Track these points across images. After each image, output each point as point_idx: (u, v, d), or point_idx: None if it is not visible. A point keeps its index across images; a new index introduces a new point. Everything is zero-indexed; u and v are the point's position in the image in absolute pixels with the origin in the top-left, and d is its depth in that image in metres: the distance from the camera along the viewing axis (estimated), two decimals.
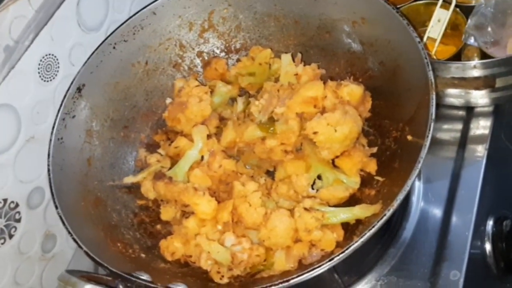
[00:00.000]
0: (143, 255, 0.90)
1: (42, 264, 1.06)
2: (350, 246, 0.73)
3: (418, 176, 1.00)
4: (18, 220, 0.98)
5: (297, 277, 0.74)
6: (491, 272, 0.99)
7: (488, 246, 0.98)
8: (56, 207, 0.84)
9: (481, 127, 1.03)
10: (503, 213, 1.02)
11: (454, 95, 1.00)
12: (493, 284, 1.01)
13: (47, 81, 0.99)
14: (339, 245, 0.83)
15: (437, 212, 0.97)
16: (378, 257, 0.94)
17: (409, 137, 0.85)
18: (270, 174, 0.96)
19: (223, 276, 0.84)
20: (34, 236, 1.03)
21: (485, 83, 0.95)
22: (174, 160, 0.98)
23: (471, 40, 1.01)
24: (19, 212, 0.98)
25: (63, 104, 0.95)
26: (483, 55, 1.02)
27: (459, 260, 0.90)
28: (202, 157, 0.95)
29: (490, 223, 0.99)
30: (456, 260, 0.90)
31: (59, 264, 1.10)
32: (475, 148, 1.01)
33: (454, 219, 0.94)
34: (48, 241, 1.07)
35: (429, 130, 0.77)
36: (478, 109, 1.04)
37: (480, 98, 0.99)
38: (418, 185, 1.00)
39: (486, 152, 0.99)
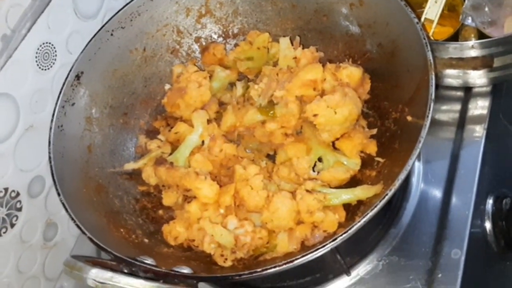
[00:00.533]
0: (146, 240, 0.91)
1: (44, 253, 1.07)
2: (352, 226, 0.73)
3: (418, 157, 1.00)
4: (19, 209, 0.99)
5: (300, 257, 0.74)
6: (492, 250, 1.00)
7: (488, 225, 0.98)
8: (59, 194, 0.85)
9: (480, 107, 1.03)
10: (503, 192, 1.02)
11: (452, 76, 1.00)
12: (494, 262, 1.02)
13: (45, 69, 0.99)
14: (341, 225, 0.83)
15: (437, 192, 0.97)
16: (379, 238, 0.94)
17: (409, 118, 0.85)
18: (271, 157, 0.96)
19: (226, 259, 0.84)
20: (35, 225, 1.04)
21: (483, 63, 0.96)
22: (174, 145, 0.99)
23: (469, 21, 1.01)
24: (20, 201, 0.98)
25: (62, 92, 0.94)
26: (481, 35, 1.02)
27: (460, 238, 0.91)
28: (203, 142, 0.96)
29: (490, 202, 0.99)
30: (457, 239, 0.91)
31: (61, 252, 1.10)
32: (474, 128, 1.01)
33: (454, 198, 0.95)
34: (50, 230, 1.07)
35: (429, 110, 0.78)
36: (476, 89, 1.04)
37: (478, 78, 1.00)
38: (418, 166, 1.01)
39: (485, 132, 1.00)
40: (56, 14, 0.98)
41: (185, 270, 0.76)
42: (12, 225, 0.97)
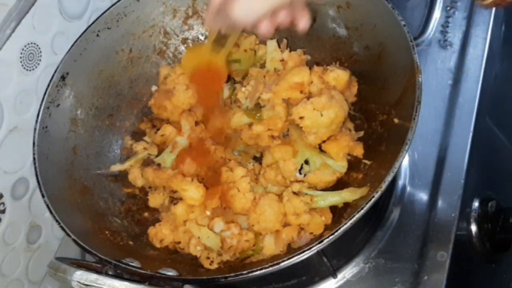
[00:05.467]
0: (131, 243, 0.90)
1: (27, 255, 1.05)
2: (339, 229, 0.73)
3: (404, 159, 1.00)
4: (3, 211, 0.97)
5: (287, 260, 0.74)
6: (477, 252, 1.00)
7: (473, 227, 0.99)
8: (43, 196, 0.84)
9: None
10: (488, 195, 1.03)
11: None
12: (479, 264, 1.03)
13: (30, 70, 0.98)
14: (327, 228, 0.84)
15: (423, 195, 0.98)
16: (366, 240, 0.95)
17: (396, 120, 0.85)
18: (258, 159, 0.96)
19: (212, 261, 0.84)
20: (19, 227, 1.02)
21: None
22: (161, 147, 0.98)
23: None
24: (3, 203, 0.97)
25: (47, 93, 0.94)
26: None
27: (446, 241, 0.91)
28: (190, 144, 0.95)
29: (475, 204, 1.00)
30: (443, 241, 0.91)
31: (45, 255, 1.09)
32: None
33: (440, 201, 0.96)
34: (33, 232, 1.06)
35: (416, 112, 0.78)
36: None
37: None
38: (404, 169, 1.01)
39: (471, 135, 1.00)
40: (41, 14, 0.97)
41: (171, 272, 0.75)
42: None
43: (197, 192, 0.87)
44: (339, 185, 0.89)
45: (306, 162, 0.91)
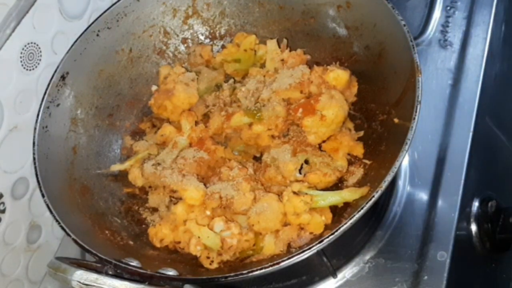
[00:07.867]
0: (131, 242, 0.90)
1: (27, 255, 1.05)
2: (339, 228, 0.73)
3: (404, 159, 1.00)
4: (3, 211, 0.97)
5: (287, 259, 0.74)
6: (477, 252, 1.00)
7: (473, 227, 0.99)
8: (43, 195, 0.84)
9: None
10: (488, 194, 1.03)
11: None
12: (479, 264, 1.03)
13: (30, 70, 0.98)
14: (327, 227, 0.84)
15: (423, 194, 0.98)
16: (365, 240, 0.95)
17: (396, 120, 0.85)
18: (258, 159, 0.96)
19: (212, 261, 0.84)
20: (19, 227, 1.02)
21: None
22: (161, 147, 0.98)
23: None
24: (3, 203, 0.97)
25: (47, 93, 0.94)
26: None
27: (446, 241, 0.91)
28: (190, 143, 0.95)
29: (475, 204, 1.00)
30: (443, 241, 0.91)
31: (45, 255, 1.09)
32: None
33: (440, 201, 0.96)
34: (33, 232, 1.06)
35: (416, 112, 0.78)
36: None
37: None
38: (404, 168, 1.01)
39: (471, 135, 1.00)
40: (41, 14, 0.97)
41: (171, 272, 0.75)
42: None
43: (196, 192, 0.87)
44: (339, 184, 0.89)
45: (306, 161, 0.91)
